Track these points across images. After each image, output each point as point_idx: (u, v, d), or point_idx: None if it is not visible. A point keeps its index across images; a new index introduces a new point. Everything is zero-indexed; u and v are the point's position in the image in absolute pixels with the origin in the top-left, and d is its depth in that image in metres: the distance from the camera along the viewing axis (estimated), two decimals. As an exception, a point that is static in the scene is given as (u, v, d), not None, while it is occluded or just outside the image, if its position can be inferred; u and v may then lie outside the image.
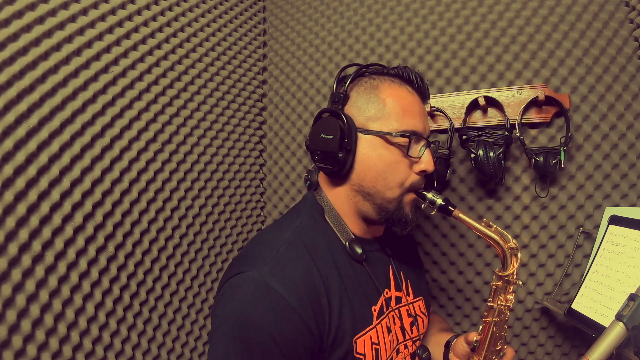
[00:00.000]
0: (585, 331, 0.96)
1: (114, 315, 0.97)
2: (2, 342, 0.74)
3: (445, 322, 1.13)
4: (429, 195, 0.84)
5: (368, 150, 0.83)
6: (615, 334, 0.72)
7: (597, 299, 0.95)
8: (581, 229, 1.16)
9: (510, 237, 0.82)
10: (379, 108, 0.83)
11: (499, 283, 0.83)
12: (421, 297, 1.01)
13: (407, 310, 0.94)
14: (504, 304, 0.82)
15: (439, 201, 0.83)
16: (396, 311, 0.91)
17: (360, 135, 0.83)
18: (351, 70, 0.90)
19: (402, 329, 0.91)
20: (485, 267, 1.28)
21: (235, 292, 0.75)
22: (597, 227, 1.11)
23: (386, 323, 0.87)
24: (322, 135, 0.84)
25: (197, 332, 1.23)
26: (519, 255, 0.81)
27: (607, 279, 0.96)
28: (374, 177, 0.83)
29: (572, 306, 1.00)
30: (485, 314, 0.85)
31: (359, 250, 0.86)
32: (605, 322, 0.90)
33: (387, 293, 0.90)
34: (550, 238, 1.21)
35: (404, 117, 0.83)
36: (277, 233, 0.86)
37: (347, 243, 0.86)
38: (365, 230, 0.91)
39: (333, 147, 0.82)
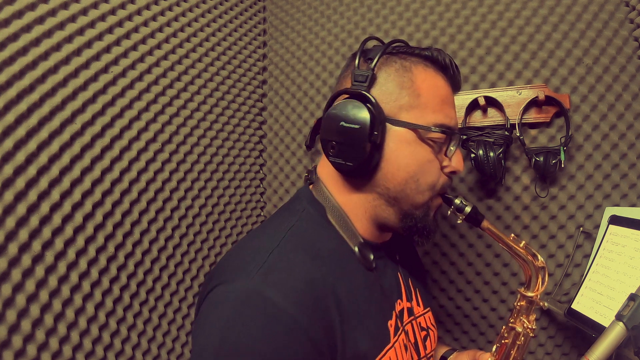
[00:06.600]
0: (585, 331, 0.96)
1: (114, 315, 0.97)
2: (2, 342, 0.74)
3: None
4: (457, 201, 0.74)
5: (399, 146, 0.69)
6: (615, 334, 0.72)
7: (597, 299, 0.95)
8: (581, 229, 1.16)
9: (539, 255, 0.75)
10: (414, 96, 0.69)
11: (523, 303, 0.77)
12: (429, 308, 0.90)
13: (419, 324, 0.84)
14: (528, 325, 0.76)
15: (467, 209, 0.73)
16: (409, 325, 0.80)
17: (389, 126, 0.69)
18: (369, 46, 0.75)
19: (416, 345, 0.79)
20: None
21: (217, 308, 0.60)
22: (597, 227, 1.11)
23: (403, 340, 0.75)
24: (343, 124, 0.67)
25: (197, 332, 1.23)
26: (547, 276, 0.75)
27: (607, 279, 0.95)
28: (404, 179, 0.70)
29: (572, 306, 1.00)
30: (505, 335, 0.79)
31: (370, 257, 0.74)
32: (605, 322, 0.90)
33: (399, 304, 0.79)
34: (550, 238, 1.21)
35: (441, 110, 0.71)
36: (265, 237, 0.70)
37: (357, 248, 0.73)
38: (375, 235, 0.78)
39: (358, 139, 0.66)
